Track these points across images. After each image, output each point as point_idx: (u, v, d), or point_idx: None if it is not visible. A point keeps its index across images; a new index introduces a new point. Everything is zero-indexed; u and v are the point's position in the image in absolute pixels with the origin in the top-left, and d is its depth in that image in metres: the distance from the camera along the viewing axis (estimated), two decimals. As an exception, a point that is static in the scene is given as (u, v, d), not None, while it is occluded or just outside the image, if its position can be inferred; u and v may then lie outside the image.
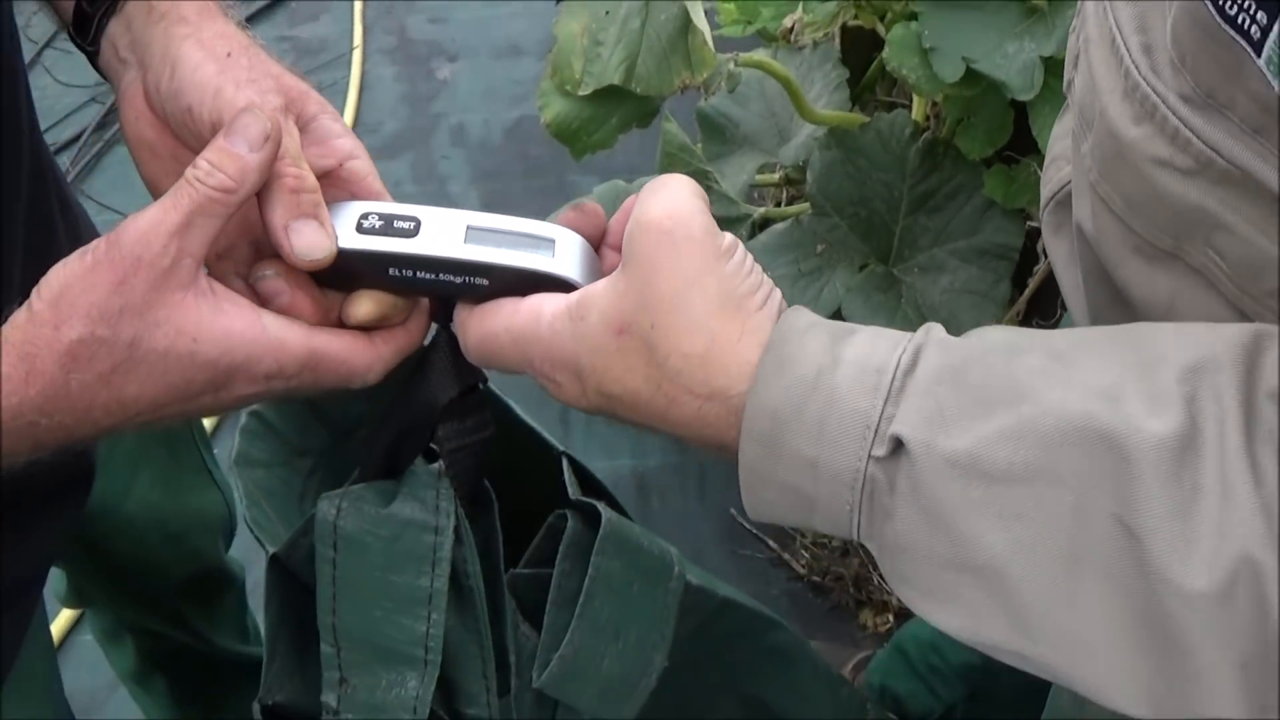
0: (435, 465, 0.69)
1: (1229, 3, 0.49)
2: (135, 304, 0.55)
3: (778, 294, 0.59)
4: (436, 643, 0.68)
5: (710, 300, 0.56)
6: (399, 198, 0.66)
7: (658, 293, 0.56)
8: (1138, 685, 0.49)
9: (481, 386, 0.68)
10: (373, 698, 0.71)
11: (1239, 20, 0.49)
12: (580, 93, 1.49)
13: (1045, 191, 0.79)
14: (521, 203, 2.57)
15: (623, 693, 0.76)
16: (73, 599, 1.24)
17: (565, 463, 0.81)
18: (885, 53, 1.56)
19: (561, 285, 0.62)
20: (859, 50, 2.13)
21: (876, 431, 0.52)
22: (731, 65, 1.55)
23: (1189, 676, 0.47)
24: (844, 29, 2.12)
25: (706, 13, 1.47)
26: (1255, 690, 0.47)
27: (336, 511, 0.68)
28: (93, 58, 0.70)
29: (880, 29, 1.79)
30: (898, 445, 0.51)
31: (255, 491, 0.82)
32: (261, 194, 0.61)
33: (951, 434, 0.50)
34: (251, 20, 3.15)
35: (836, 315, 1.67)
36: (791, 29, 2.06)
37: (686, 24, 1.41)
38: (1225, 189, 0.54)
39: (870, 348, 0.54)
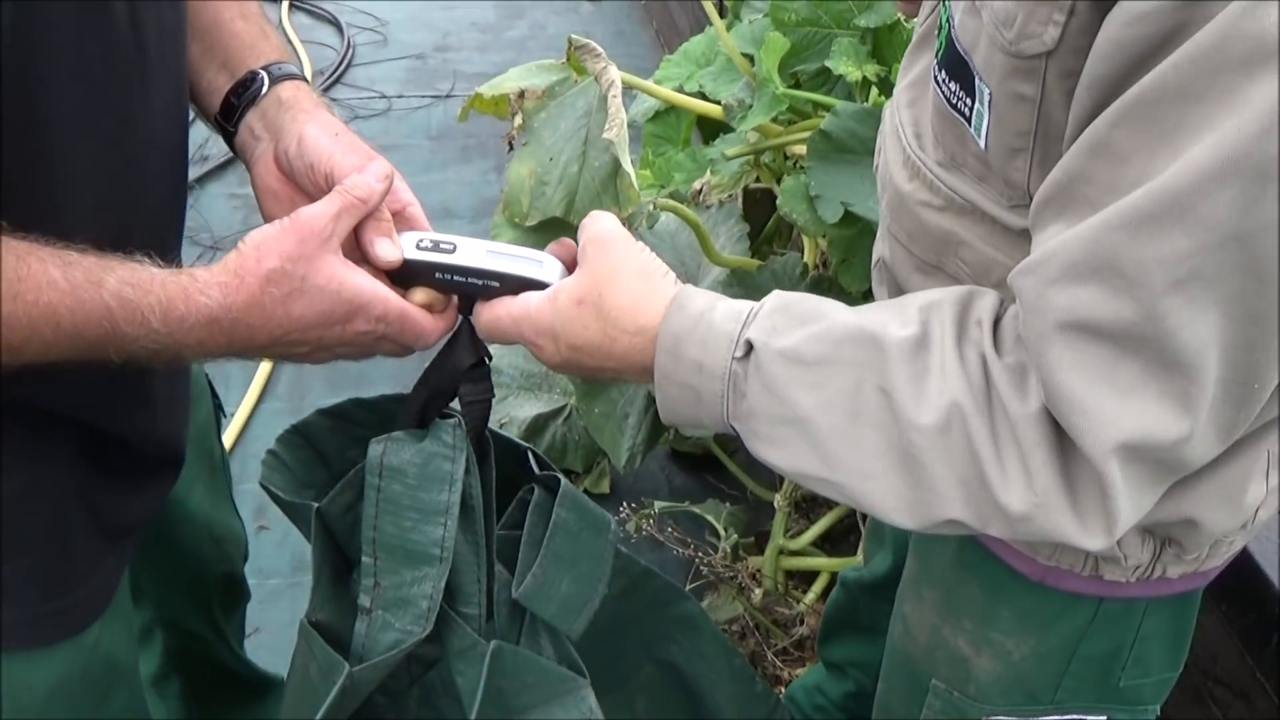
0: (452, 419, 1.00)
1: (953, 97, 0.85)
2: (307, 255, 0.88)
3: (673, 276, 0.92)
4: (449, 544, 0.99)
5: (633, 274, 0.91)
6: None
7: (600, 274, 0.90)
8: (899, 499, 0.81)
9: (488, 361, 1.01)
10: (399, 593, 1.00)
11: (959, 107, 0.85)
12: (527, 224, 1.83)
13: (873, 260, 1.14)
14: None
15: (575, 608, 1.07)
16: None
17: (529, 453, 1.13)
18: (779, 200, 1.93)
19: (545, 288, 0.95)
20: (759, 210, 2.53)
21: (736, 342, 0.85)
22: (652, 206, 1.92)
23: (929, 489, 0.80)
24: (746, 191, 2.53)
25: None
26: (973, 500, 0.79)
27: (383, 450, 0.99)
28: (229, 135, 1.03)
29: (777, 189, 2.17)
30: (749, 348, 0.85)
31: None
32: (359, 222, 0.94)
33: (781, 338, 0.84)
34: (201, 180, 3.51)
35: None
36: (700, 190, 2.46)
37: (616, 169, 1.77)
38: (963, 218, 0.90)
39: (735, 302, 0.88)
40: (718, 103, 2.21)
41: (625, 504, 2.29)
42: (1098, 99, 0.72)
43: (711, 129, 2.61)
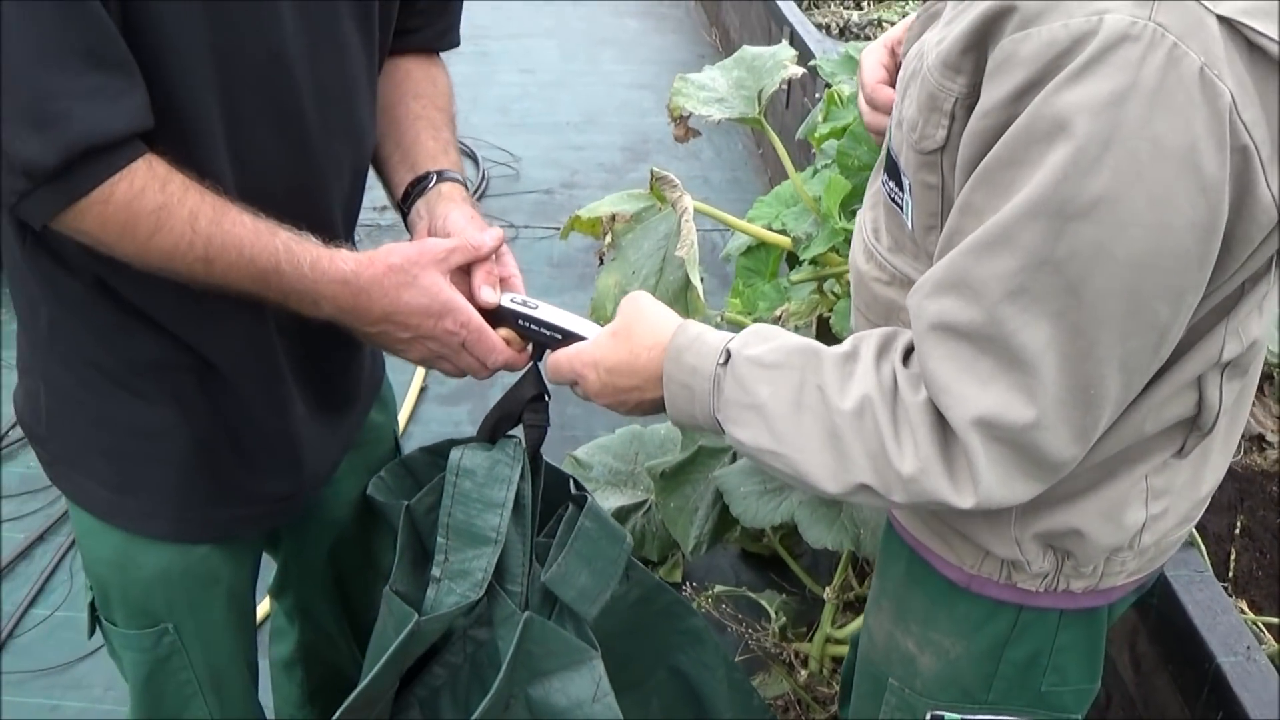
0: (514, 438, 1.36)
1: (891, 193, 1.20)
2: (423, 263, 1.29)
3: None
4: (504, 531, 1.33)
5: (653, 314, 1.27)
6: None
7: (629, 315, 1.28)
8: (825, 469, 1.13)
9: (547, 397, 1.37)
10: (462, 566, 1.35)
11: (895, 199, 1.20)
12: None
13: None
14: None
15: (590, 597, 1.40)
16: (276, 585, 1.83)
17: (570, 481, 1.48)
18: (831, 320, 2.27)
19: None
20: (831, 338, 2.85)
21: (720, 352, 1.19)
22: (719, 319, 2.28)
23: (848, 459, 1.12)
24: (820, 319, 2.86)
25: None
26: (878, 469, 1.11)
27: (460, 455, 1.35)
28: (404, 213, 1.46)
29: (836, 314, 2.50)
30: (728, 355, 1.19)
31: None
32: (472, 269, 1.34)
33: (750, 349, 1.18)
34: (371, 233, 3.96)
35: (791, 525, 2.31)
36: (779, 317, 2.81)
37: (687, 283, 2.14)
38: (903, 289, 1.23)
39: (724, 331, 1.23)
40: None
41: (690, 584, 2.59)
42: (966, 176, 1.05)
43: (795, 264, 2.97)
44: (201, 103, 1.23)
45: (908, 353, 1.14)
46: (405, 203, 1.47)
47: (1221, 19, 0.93)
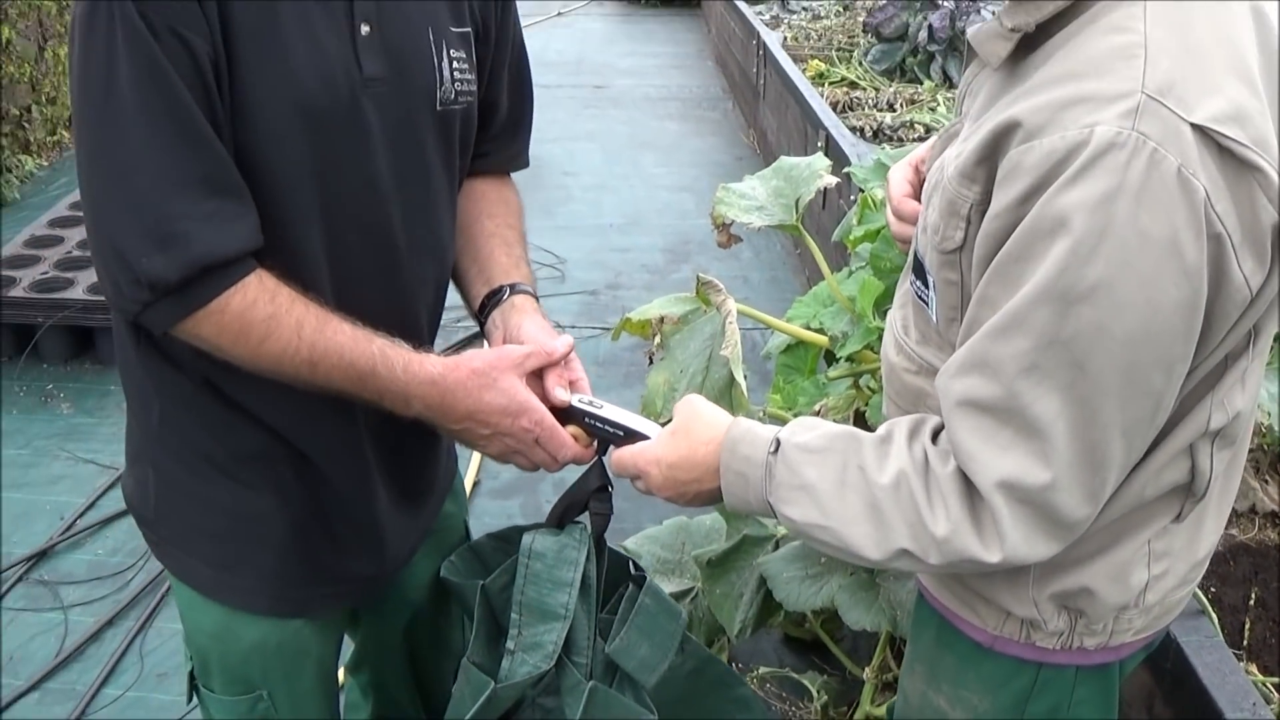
0: (580, 524, 1.52)
1: (918, 290, 1.38)
2: (502, 367, 1.47)
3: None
4: (571, 608, 1.49)
5: (708, 414, 1.44)
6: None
7: (687, 415, 1.45)
8: (868, 538, 1.29)
9: (610, 488, 1.54)
10: (534, 640, 1.51)
11: (921, 296, 1.37)
12: (660, 421, 2.36)
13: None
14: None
15: (650, 667, 1.56)
16: (353, 661, 2.00)
17: (630, 562, 1.64)
18: (866, 414, 2.42)
19: None
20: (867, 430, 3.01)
21: (771, 442, 1.36)
22: (761, 413, 2.44)
23: (888, 527, 1.27)
24: (857, 413, 3.02)
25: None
26: (915, 533, 1.26)
27: (532, 539, 1.52)
28: (480, 322, 1.64)
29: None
30: (778, 444, 1.35)
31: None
32: (545, 371, 1.52)
33: (798, 437, 1.35)
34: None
35: (831, 609, 2.45)
36: (818, 412, 2.97)
37: (731, 380, 2.30)
38: (929, 377, 1.39)
39: (769, 424, 1.39)
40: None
41: (736, 665, 2.73)
42: (981, 273, 1.21)
43: (833, 361, 3.13)
44: (305, 224, 1.44)
45: (935, 432, 1.31)
46: (482, 313, 1.66)
47: (1194, 126, 1.09)
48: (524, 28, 1.76)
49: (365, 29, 1.43)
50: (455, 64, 1.54)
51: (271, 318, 1.38)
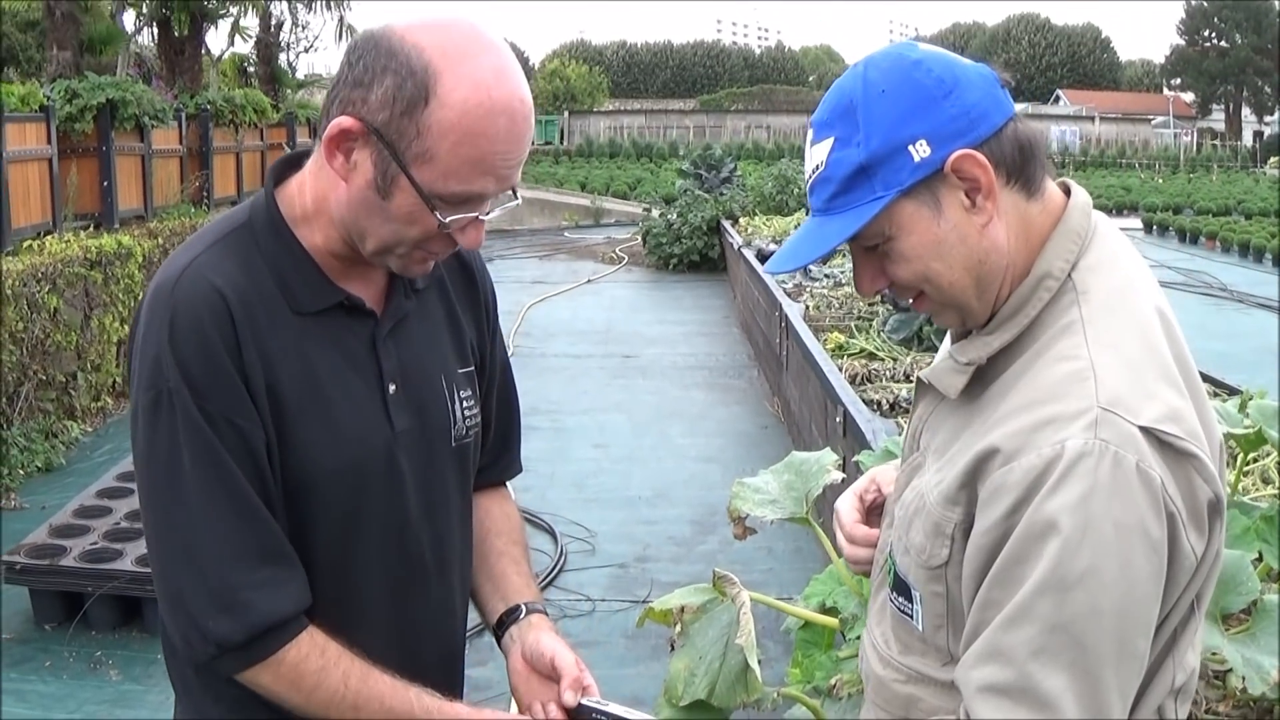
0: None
1: (902, 607, 1.60)
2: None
3: None
4: None
5: None
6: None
7: None
8: None
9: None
10: None
11: (905, 611, 1.61)
12: (680, 703, 2.60)
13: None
14: None
15: None
16: None
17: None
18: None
19: None
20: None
21: None
22: (776, 695, 2.68)
23: None
24: (871, 691, 3.23)
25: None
26: None
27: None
28: (498, 637, 1.90)
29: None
30: None
31: None
32: (560, 681, 1.78)
33: None
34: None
35: None
36: (834, 685, 3.18)
37: (746, 666, 2.55)
38: (917, 685, 1.61)
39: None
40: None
41: None
42: (975, 581, 1.42)
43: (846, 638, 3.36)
44: (342, 569, 1.70)
45: None
46: (499, 628, 1.91)
47: (1142, 428, 1.32)
48: (556, 295, 2.08)
49: (393, 388, 1.70)
50: (464, 403, 1.82)
51: (321, 670, 1.63)
